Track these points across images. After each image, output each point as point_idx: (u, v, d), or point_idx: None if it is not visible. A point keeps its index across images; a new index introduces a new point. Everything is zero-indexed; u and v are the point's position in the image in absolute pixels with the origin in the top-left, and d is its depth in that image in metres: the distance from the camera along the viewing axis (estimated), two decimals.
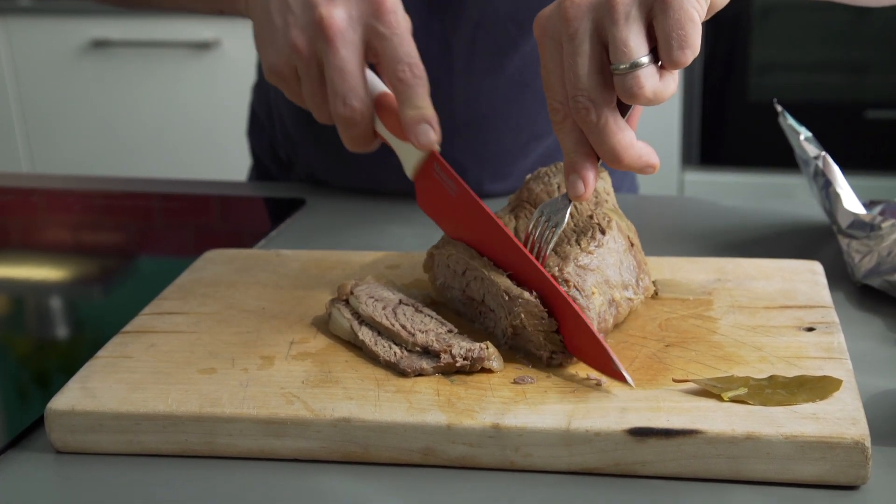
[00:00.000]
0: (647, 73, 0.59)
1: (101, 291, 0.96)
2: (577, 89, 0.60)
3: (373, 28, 0.68)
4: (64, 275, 1.00)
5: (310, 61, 0.70)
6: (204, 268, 0.83)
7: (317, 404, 0.61)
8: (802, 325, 0.68)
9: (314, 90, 0.71)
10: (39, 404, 0.68)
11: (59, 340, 0.85)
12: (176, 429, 0.61)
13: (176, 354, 0.67)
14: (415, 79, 0.68)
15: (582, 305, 0.64)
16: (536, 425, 0.58)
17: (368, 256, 0.84)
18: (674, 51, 0.59)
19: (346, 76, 0.68)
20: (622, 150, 0.61)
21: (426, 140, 0.68)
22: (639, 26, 0.59)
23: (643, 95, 0.59)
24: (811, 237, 0.92)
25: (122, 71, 2.62)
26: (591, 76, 0.60)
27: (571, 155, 0.63)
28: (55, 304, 0.93)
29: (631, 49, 0.59)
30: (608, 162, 0.62)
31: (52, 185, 1.29)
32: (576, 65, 0.60)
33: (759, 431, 0.56)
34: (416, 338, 0.65)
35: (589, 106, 0.60)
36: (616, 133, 0.61)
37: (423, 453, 0.59)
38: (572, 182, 0.64)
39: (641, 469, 0.57)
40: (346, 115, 0.69)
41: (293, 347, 0.68)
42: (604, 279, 0.66)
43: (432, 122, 0.68)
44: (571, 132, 0.63)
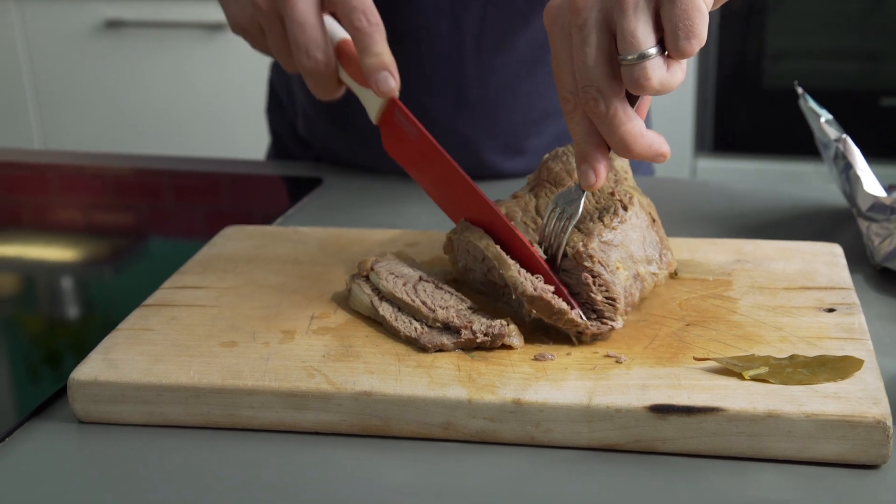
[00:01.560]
0: (655, 63, 0.59)
1: (115, 271, 0.96)
2: (586, 80, 0.60)
3: None
4: (77, 254, 1.00)
5: (270, 16, 0.72)
6: (223, 244, 0.83)
7: (338, 378, 0.61)
8: (823, 305, 0.68)
9: (278, 43, 0.73)
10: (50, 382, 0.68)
11: (70, 320, 0.85)
12: (198, 400, 0.61)
13: (197, 328, 0.68)
14: (370, 26, 0.70)
15: (607, 280, 0.64)
16: (557, 401, 0.58)
17: (387, 234, 0.84)
18: (680, 41, 0.59)
19: (306, 29, 0.71)
20: (632, 139, 0.61)
21: (386, 87, 0.71)
22: (646, 17, 0.59)
23: (650, 86, 0.59)
24: (830, 220, 0.92)
25: (135, 51, 2.62)
26: (600, 67, 0.60)
27: (582, 145, 0.64)
28: (67, 283, 0.93)
29: (639, 40, 0.59)
30: (618, 152, 0.62)
31: (65, 161, 1.29)
32: (584, 55, 0.60)
33: (780, 409, 0.56)
34: (437, 314, 0.65)
35: (598, 97, 0.60)
36: (625, 123, 0.61)
37: (443, 427, 0.59)
38: (584, 172, 0.64)
39: (662, 446, 0.57)
40: (309, 67, 0.72)
41: (313, 322, 0.68)
42: (628, 254, 0.66)
43: (391, 68, 0.71)
44: (581, 122, 0.63)
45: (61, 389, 0.65)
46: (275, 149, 1.26)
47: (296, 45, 0.72)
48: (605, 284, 0.64)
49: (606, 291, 0.64)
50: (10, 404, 0.68)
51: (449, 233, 0.72)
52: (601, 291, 0.64)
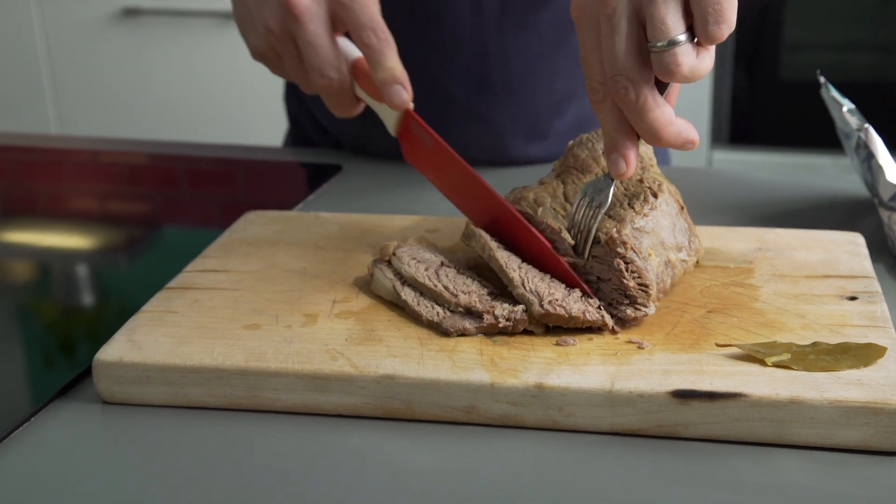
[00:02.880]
0: (685, 50, 0.59)
1: (133, 258, 0.96)
2: (616, 69, 0.61)
3: (335, 0, 0.73)
4: (93, 242, 1.00)
5: (284, 40, 0.75)
6: (245, 228, 0.83)
7: (361, 361, 0.61)
8: (845, 294, 0.68)
9: (294, 66, 0.76)
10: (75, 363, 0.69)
11: (84, 308, 0.85)
12: (221, 382, 0.61)
13: (220, 310, 0.68)
14: (380, 42, 0.72)
15: (640, 266, 0.64)
16: (580, 385, 0.58)
17: (407, 220, 0.84)
18: (710, 26, 0.59)
19: (319, 50, 0.73)
20: (661, 127, 0.61)
21: (399, 100, 0.72)
22: (676, 4, 0.59)
23: (680, 73, 0.59)
24: (850, 210, 0.92)
25: (152, 39, 2.62)
26: (629, 55, 0.60)
27: (612, 134, 0.64)
28: (83, 271, 0.93)
29: (669, 26, 0.59)
30: (648, 140, 0.62)
31: (82, 146, 1.29)
32: (613, 44, 0.60)
33: (803, 396, 0.56)
34: (459, 298, 0.66)
35: (627, 85, 0.60)
36: (655, 110, 0.61)
37: (465, 411, 0.59)
38: (614, 161, 0.64)
39: (684, 431, 0.58)
40: (324, 86, 0.74)
41: (336, 306, 0.68)
42: (659, 241, 0.66)
43: (403, 81, 0.72)
44: (611, 111, 0.63)
45: (86, 370, 0.66)
46: (293, 135, 1.27)
47: (310, 66, 0.74)
48: (638, 271, 0.64)
49: (639, 278, 0.64)
50: (34, 386, 0.69)
51: None
52: (634, 278, 0.64)
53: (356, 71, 0.76)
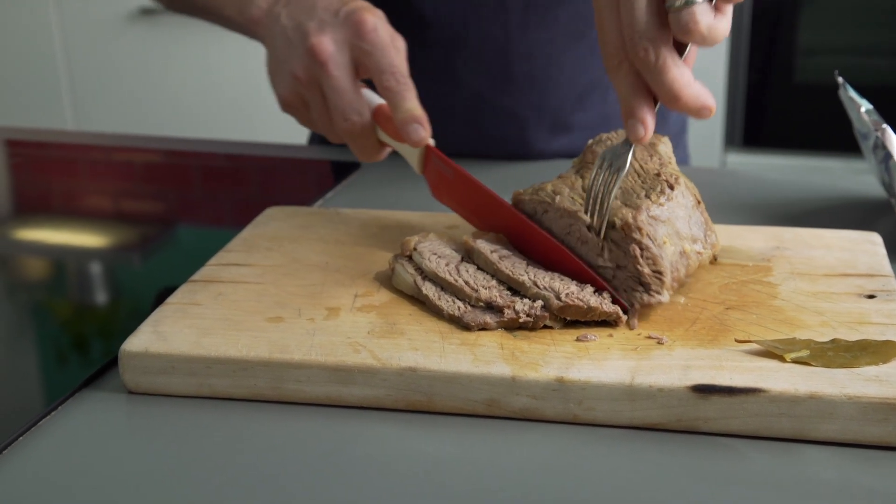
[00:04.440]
0: (702, 9, 0.60)
1: (147, 257, 0.96)
2: (635, 31, 0.61)
3: (358, 48, 0.76)
4: (108, 240, 1.00)
5: (310, 86, 0.78)
6: (266, 223, 0.84)
7: (383, 353, 0.62)
8: (863, 292, 0.69)
9: (320, 113, 0.79)
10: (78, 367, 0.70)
11: (98, 306, 0.86)
12: (245, 373, 0.62)
13: (243, 303, 0.69)
14: (399, 86, 0.75)
15: (655, 253, 0.65)
16: (600, 380, 0.59)
17: (426, 217, 0.85)
18: None
19: (342, 94, 0.76)
20: (680, 87, 0.62)
21: (417, 137, 0.75)
22: None
23: (698, 31, 0.60)
24: (866, 210, 0.92)
25: (169, 38, 2.63)
26: (648, 16, 0.61)
27: (628, 99, 0.64)
28: (97, 269, 0.94)
29: None
30: (666, 101, 0.63)
31: (98, 142, 1.30)
32: (632, 6, 0.61)
33: (822, 391, 0.57)
34: (480, 293, 0.66)
35: (647, 46, 0.61)
36: (673, 70, 0.62)
37: (486, 404, 0.60)
38: (631, 126, 0.65)
39: (704, 426, 0.58)
40: (348, 129, 0.77)
41: (357, 300, 0.69)
42: (674, 231, 0.67)
43: (421, 121, 0.75)
44: (627, 76, 0.64)
45: (111, 361, 0.67)
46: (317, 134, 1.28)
47: (334, 109, 0.77)
48: (653, 257, 0.65)
49: (654, 264, 0.65)
50: (57, 378, 0.69)
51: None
52: (648, 264, 0.65)
53: (378, 116, 0.79)
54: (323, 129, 0.81)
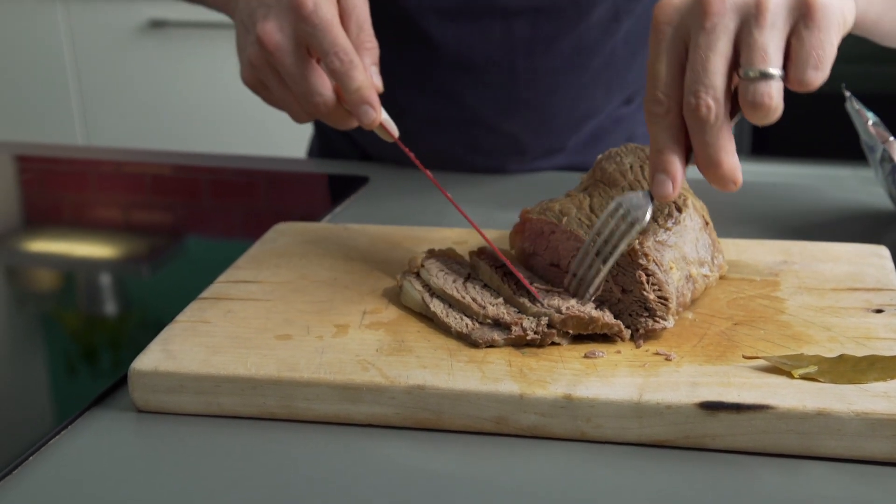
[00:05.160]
0: (778, 86, 0.58)
1: (157, 268, 0.96)
2: (703, 85, 0.58)
3: (302, 30, 0.73)
4: (118, 251, 1.01)
5: (266, 72, 0.76)
6: (275, 239, 0.84)
7: (391, 371, 0.62)
8: (871, 307, 0.69)
9: (281, 95, 0.77)
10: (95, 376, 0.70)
11: (108, 317, 0.86)
12: (255, 392, 0.62)
13: (252, 321, 0.69)
14: (344, 66, 0.72)
15: (661, 279, 0.65)
16: (608, 397, 0.59)
17: (434, 232, 0.85)
18: (808, 69, 0.57)
19: (297, 79, 0.74)
20: (725, 155, 0.59)
21: (368, 120, 0.73)
22: (781, 36, 0.58)
23: (768, 106, 0.58)
24: (874, 223, 0.92)
25: (178, 51, 2.64)
26: (719, 74, 0.58)
27: (663, 152, 0.62)
28: (106, 280, 0.94)
29: (770, 56, 0.57)
30: (703, 164, 0.60)
31: (107, 157, 1.31)
32: (707, 60, 0.58)
33: (830, 408, 0.57)
34: (488, 310, 0.67)
35: (712, 105, 0.58)
36: (725, 137, 0.59)
37: (495, 422, 0.60)
38: (660, 181, 0.62)
39: (711, 442, 0.58)
40: (310, 111, 0.75)
41: (366, 317, 0.69)
42: (681, 255, 0.67)
43: (370, 101, 0.72)
44: (669, 128, 0.61)
45: (121, 379, 0.67)
46: (319, 143, 1.28)
47: (296, 95, 0.76)
48: (659, 283, 0.65)
49: (659, 290, 0.65)
50: (67, 395, 0.70)
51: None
52: (654, 290, 0.65)
53: None
54: (286, 109, 0.79)
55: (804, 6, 0.58)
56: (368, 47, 0.76)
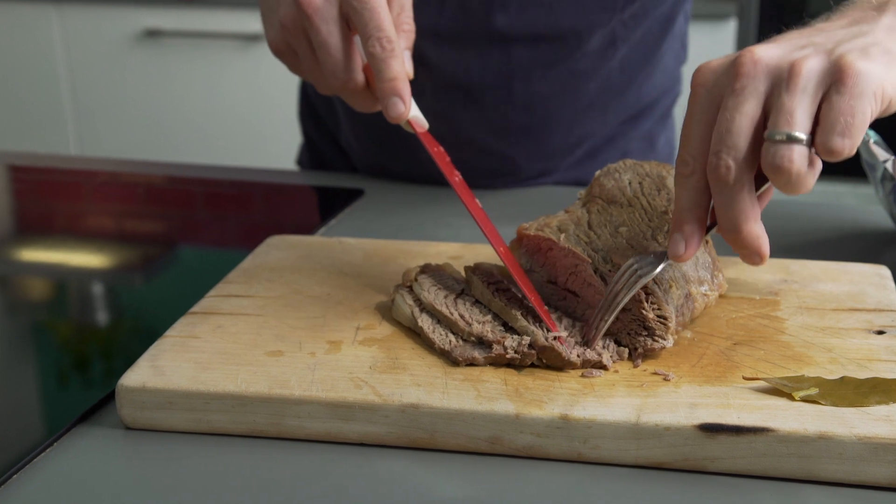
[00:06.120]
0: (801, 151, 0.55)
1: (149, 278, 0.96)
2: (725, 146, 0.57)
3: (347, 3, 0.71)
4: (110, 261, 1.00)
5: (298, 37, 0.73)
6: (268, 253, 0.83)
7: (385, 389, 0.61)
8: (872, 328, 0.68)
9: (310, 64, 0.74)
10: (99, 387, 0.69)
11: (100, 327, 0.85)
12: (245, 409, 0.61)
13: (243, 336, 0.68)
14: (384, 52, 0.70)
15: (660, 298, 0.64)
16: (606, 418, 0.58)
17: (431, 247, 0.84)
18: (835, 136, 0.55)
19: (329, 50, 0.72)
20: (744, 220, 0.58)
21: (395, 113, 0.71)
22: (810, 102, 0.56)
23: (789, 170, 0.55)
24: (874, 242, 0.91)
25: (173, 60, 2.64)
26: (742, 136, 0.57)
27: (684, 213, 0.60)
28: (99, 289, 0.93)
29: (796, 120, 0.56)
30: (724, 229, 0.59)
31: (100, 167, 1.30)
32: (732, 120, 0.57)
33: (831, 431, 0.56)
34: (473, 328, 0.65)
35: (731, 165, 0.57)
36: (746, 201, 0.58)
37: (490, 442, 0.59)
38: (675, 242, 0.61)
39: (710, 465, 0.57)
40: (337, 87, 0.73)
41: (359, 333, 0.68)
42: (681, 273, 0.66)
43: (402, 94, 0.70)
44: (693, 189, 0.60)
45: (108, 395, 0.66)
46: (309, 154, 1.27)
47: (323, 65, 0.73)
48: (658, 302, 0.64)
49: (658, 309, 0.64)
50: (55, 409, 0.68)
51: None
52: (653, 309, 0.64)
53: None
54: (312, 80, 0.77)
55: (838, 72, 0.56)
56: (406, 30, 0.74)
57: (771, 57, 0.58)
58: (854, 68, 0.56)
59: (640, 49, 1.08)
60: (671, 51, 1.14)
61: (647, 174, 0.74)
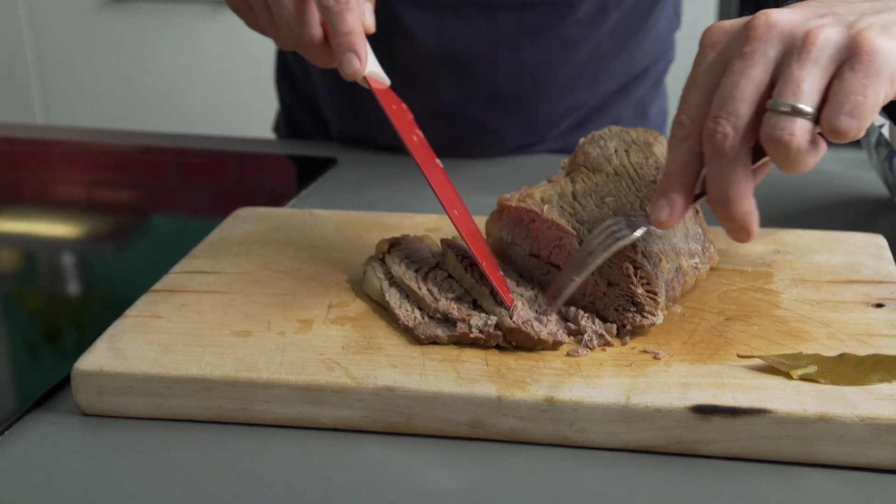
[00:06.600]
0: (803, 125, 0.52)
1: (119, 248, 0.93)
2: (726, 111, 0.53)
3: None
4: (80, 231, 0.97)
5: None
6: (235, 226, 0.79)
7: (359, 371, 0.57)
8: (870, 300, 0.65)
9: (266, 20, 0.73)
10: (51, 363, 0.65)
11: (71, 297, 0.83)
12: (209, 394, 0.58)
13: (209, 315, 0.64)
14: (337, 5, 0.68)
15: (649, 272, 0.60)
16: (593, 400, 0.55)
17: (407, 219, 0.81)
18: (842, 115, 0.51)
19: (283, 3, 0.70)
20: (735, 194, 0.54)
21: (349, 69, 0.68)
22: (821, 76, 0.53)
23: (788, 145, 0.52)
24: (867, 209, 0.89)
25: (140, 26, 2.59)
26: (746, 103, 0.53)
27: (672, 177, 0.57)
28: (69, 260, 0.91)
29: (803, 91, 0.52)
30: (713, 201, 0.55)
31: (68, 137, 1.26)
32: (736, 85, 0.53)
33: (832, 412, 0.53)
34: (439, 304, 0.62)
35: (729, 132, 0.53)
36: (740, 172, 0.54)
37: (470, 426, 0.56)
38: (659, 206, 0.57)
39: (704, 448, 0.54)
40: (293, 42, 0.71)
41: (332, 311, 0.65)
42: (671, 246, 0.63)
43: (357, 49, 0.67)
44: (686, 154, 0.56)
45: (65, 379, 0.62)
46: (285, 121, 1.23)
47: (277, 20, 0.71)
48: (647, 276, 0.60)
49: (648, 284, 0.61)
50: (12, 393, 0.65)
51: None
52: (642, 284, 0.60)
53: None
54: (270, 35, 0.75)
55: (856, 47, 0.52)
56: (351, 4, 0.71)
57: (787, 22, 0.54)
58: (872, 45, 0.52)
59: (632, 15, 1.05)
60: (664, 16, 1.10)
61: (633, 141, 0.70)
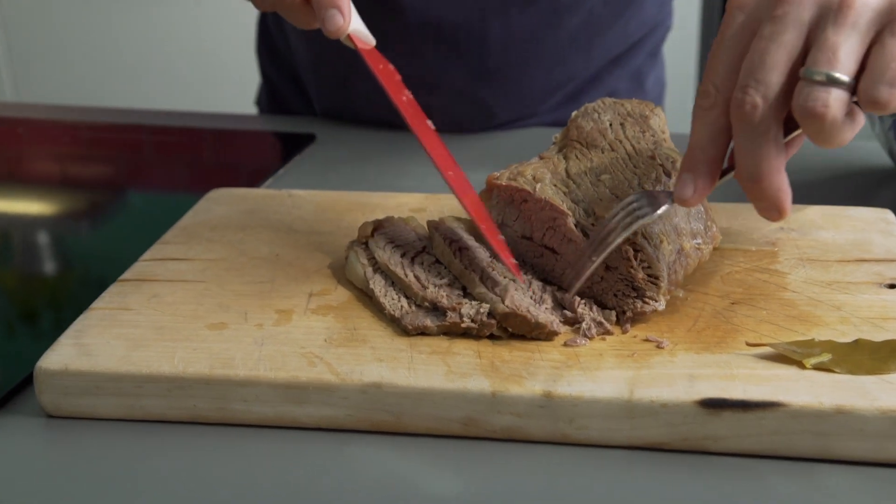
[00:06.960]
0: (839, 96, 0.49)
1: (93, 226, 0.90)
2: (755, 79, 0.50)
3: None
4: (53, 208, 0.94)
5: None
6: (209, 209, 0.76)
7: (342, 367, 0.54)
8: (883, 280, 0.62)
9: None
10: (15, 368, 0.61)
11: (46, 275, 0.80)
12: (183, 393, 0.55)
13: (181, 307, 0.61)
14: None
15: (650, 255, 0.57)
16: (594, 394, 0.51)
17: (391, 198, 0.77)
18: (882, 85, 0.48)
19: None
20: (766, 170, 0.51)
21: (333, 26, 0.64)
22: (859, 42, 0.49)
23: (823, 116, 0.48)
24: (870, 181, 0.86)
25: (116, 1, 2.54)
26: (777, 71, 0.50)
27: (697, 151, 0.53)
28: (43, 238, 0.88)
29: (839, 59, 0.49)
30: (742, 176, 0.52)
31: (39, 114, 1.21)
32: (766, 51, 0.50)
33: (850, 405, 0.50)
34: (427, 292, 0.58)
35: (759, 103, 0.50)
36: (771, 146, 0.51)
37: (463, 423, 0.53)
38: (684, 182, 0.54)
39: (713, 445, 0.51)
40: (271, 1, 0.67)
41: (312, 300, 0.61)
42: (672, 226, 0.59)
43: (340, 5, 0.63)
44: (712, 125, 0.53)
45: (27, 378, 0.59)
46: (267, 94, 1.19)
47: None
48: (648, 259, 0.57)
49: (649, 268, 0.57)
50: None
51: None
52: (643, 267, 0.57)
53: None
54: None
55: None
56: None
57: None
58: None
59: None
60: None
61: (628, 114, 0.67)
